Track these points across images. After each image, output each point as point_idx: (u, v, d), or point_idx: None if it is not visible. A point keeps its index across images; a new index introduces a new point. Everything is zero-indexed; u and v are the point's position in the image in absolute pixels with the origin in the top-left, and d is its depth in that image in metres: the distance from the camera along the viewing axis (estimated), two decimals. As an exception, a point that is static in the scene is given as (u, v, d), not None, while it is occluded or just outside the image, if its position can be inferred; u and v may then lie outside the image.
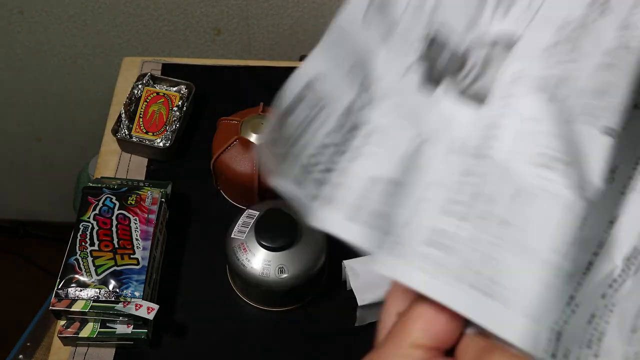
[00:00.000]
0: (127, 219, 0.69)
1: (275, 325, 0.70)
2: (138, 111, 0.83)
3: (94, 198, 0.71)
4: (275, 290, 0.67)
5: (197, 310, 0.71)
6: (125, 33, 1.11)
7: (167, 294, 0.72)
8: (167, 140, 0.81)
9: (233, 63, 0.95)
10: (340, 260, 0.76)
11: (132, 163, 0.82)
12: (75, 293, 0.64)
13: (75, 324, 0.66)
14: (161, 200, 0.72)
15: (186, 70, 0.92)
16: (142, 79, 0.86)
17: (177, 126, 0.83)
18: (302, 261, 0.67)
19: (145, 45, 1.13)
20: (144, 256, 0.67)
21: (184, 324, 0.70)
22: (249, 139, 0.74)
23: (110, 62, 1.17)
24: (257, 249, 0.67)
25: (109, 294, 0.64)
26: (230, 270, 0.72)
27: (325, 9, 1.04)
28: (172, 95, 0.85)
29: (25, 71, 1.20)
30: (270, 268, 0.66)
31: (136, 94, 0.85)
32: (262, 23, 1.08)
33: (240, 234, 0.68)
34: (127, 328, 0.66)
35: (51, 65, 1.18)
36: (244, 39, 1.12)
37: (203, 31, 1.10)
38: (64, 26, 1.10)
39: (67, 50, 1.15)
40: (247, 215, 0.70)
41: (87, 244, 0.67)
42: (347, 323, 0.71)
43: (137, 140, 0.81)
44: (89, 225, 0.68)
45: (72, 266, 0.65)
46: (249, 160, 0.74)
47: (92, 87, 1.23)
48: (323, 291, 0.73)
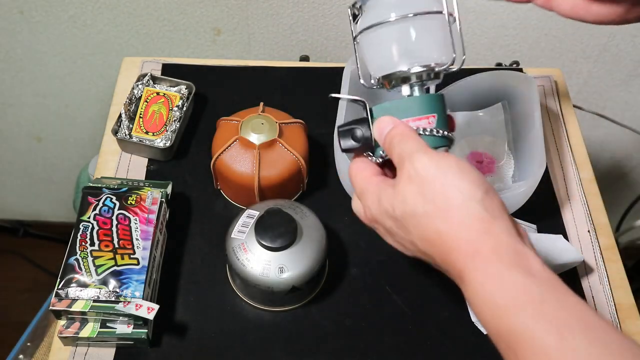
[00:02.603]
0: (127, 219, 0.69)
1: (275, 325, 0.70)
2: (138, 111, 0.83)
3: (94, 198, 0.71)
4: (275, 290, 0.67)
5: (197, 310, 0.71)
6: (125, 33, 1.11)
7: (167, 294, 0.72)
8: (167, 140, 0.81)
9: (233, 63, 0.95)
10: (340, 260, 0.76)
11: (132, 163, 0.82)
12: (76, 293, 0.64)
13: (75, 324, 0.66)
14: (161, 200, 0.72)
15: (186, 70, 0.92)
16: (142, 79, 0.86)
17: (177, 126, 0.83)
18: (302, 261, 0.67)
19: (145, 45, 1.13)
20: (144, 256, 0.67)
21: (184, 324, 0.70)
22: (249, 139, 0.74)
23: (110, 62, 1.17)
24: (257, 249, 0.67)
25: (109, 294, 0.64)
26: (230, 270, 0.72)
27: (325, 9, 1.04)
28: (172, 95, 0.85)
29: (25, 71, 1.20)
30: (270, 268, 0.66)
31: (136, 94, 0.85)
32: (262, 23, 1.08)
33: (240, 234, 0.68)
34: (127, 328, 0.66)
35: (51, 65, 1.18)
36: (244, 39, 1.12)
37: (203, 31, 1.10)
38: (64, 26, 1.10)
39: (67, 50, 1.15)
40: (247, 215, 0.70)
41: (87, 244, 0.67)
42: (347, 323, 0.71)
43: (137, 140, 0.81)
44: (89, 225, 0.68)
45: (72, 266, 0.65)
46: (249, 160, 0.74)
47: (92, 87, 1.23)
48: (323, 291, 0.73)
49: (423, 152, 0.46)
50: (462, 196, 0.43)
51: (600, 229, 0.80)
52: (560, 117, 0.91)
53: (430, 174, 0.44)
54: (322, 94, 0.90)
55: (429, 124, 0.50)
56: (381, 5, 0.53)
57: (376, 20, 0.52)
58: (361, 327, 0.71)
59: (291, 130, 0.77)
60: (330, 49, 1.12)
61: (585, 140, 0.90)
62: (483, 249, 0.41)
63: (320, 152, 0.84)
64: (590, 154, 0.89)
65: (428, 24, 0.52)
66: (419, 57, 0.52)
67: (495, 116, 0.86)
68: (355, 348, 0.69)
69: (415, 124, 0.50)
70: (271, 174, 0.74)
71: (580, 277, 0.76)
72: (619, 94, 1.24)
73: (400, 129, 0.49)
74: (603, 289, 0.75)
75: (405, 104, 0.51)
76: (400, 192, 0.46)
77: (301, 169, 0.76)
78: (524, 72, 0.94)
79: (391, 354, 0.69)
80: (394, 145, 0.48)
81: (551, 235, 0.74)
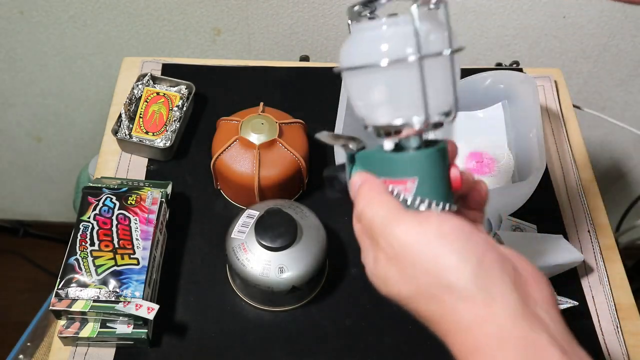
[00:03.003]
0: (127, 219, 0.69)
1: (275, 325, 0.70)
2: (138, 111, 0.83)
3: (94, 198, 0.71)
4: (275, 290, 0.67)
5: (197, 310, 0.71)
6: (125, 33, 1.11)
7: (167, 294, 0.72)
8: (167, 140, 0.81)
9: (233, 63, 0.95)
10: (340, 260, 0.76)
11: (132, 163, 0.82)
12: (76, 293, 0.64)
13: (75, 324, 0.66)
14: (161, 200, 0.72)
15: (186, 70, 0.92)
16: (142, 79, 0.86)
17: (177, 126, 0.83)
18: (302, 261, 0.67)
19: (145, 45, 1.13)
20: (144, 256, 0.67)
21: (184, 324, 0.70)
22: (249, 139, 0.74)
23: (110, 62, 1.17)
24: (257, 249, 0.67)
25: (109, 293, 0.64)
26: (230, 270, 0.72)
27: (325, 9, 1.04)
28: (172, 95, 0.85)
29: (25, 71, 1.20)
30: (270, 268, 0.66)
31: (136, 94, 0.85)
32: (262, 23, 1.08)
33: (240, 234, 0.68)
34: (127, 328, 0.66)
35: (51, 65, 1.18)
36: (244, 39, 1.12)
37: (203, 31, 1.10)
38: (64, 26, 1.10)
39: (67, 50, 1.15)
40: (247, 215, 0.70)
41: (87, 244, 0.67)
42: (347, 323, 0.71)
43: (137, 140, 0.81)
44: (89, 225, 0.68)
45: (72, 266, 0.65)
46: (249, 160, 0.74)
47: (92, 87, 1.23)
48: (323, 291, 0.73)
49: (395, 222, 0.37)
50: (448, 274, 0.34)
51: (600, 229, 0.80)
52: (560, 117, 0.91)
53: (408, 251, 0.36)
54: (322, 94, 0.90)
55: (405, 190, 0.39)
56: (365, 39, 0.40)
57: (358, 63, 0.40)
58: (361, 327, 0.71)
59: (291, 130, 0.77)
60: (330, 49, 1.12)
61: (585, 140, 0.90)
62: (482, 343, 0.33)
63: (320, 152, 0.84)
64: (590, 154, 0.89)
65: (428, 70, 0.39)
66: (400, 111, 0.40)
67: (495, 116, 0.86)
68: (355, 348, 0.69)
69: (391, 187, 0.40)
70: (271, 174, 0.74)
71: (580, 277, 0.76)
72: (619, 94, 1.24)
73: (366, 188, 0.40)
74: (603, 289, 0.75)
75: (385, 160, 0.41)
76: (382, 275, 0.38)
77: (301, 169, 0.76)
78: (524, 72, 0.94)
79: (391, 354, 0.69)
80: (360, 208, 0.40)
81: (551, 235, 0.74)
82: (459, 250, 0.35)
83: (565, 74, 0.98)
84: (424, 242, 0.35)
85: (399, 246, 0.36)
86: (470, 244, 0.35)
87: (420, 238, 0.36)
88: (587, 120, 1.18)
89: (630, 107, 1.28)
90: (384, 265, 0.38)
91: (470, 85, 0.84)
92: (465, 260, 0.34)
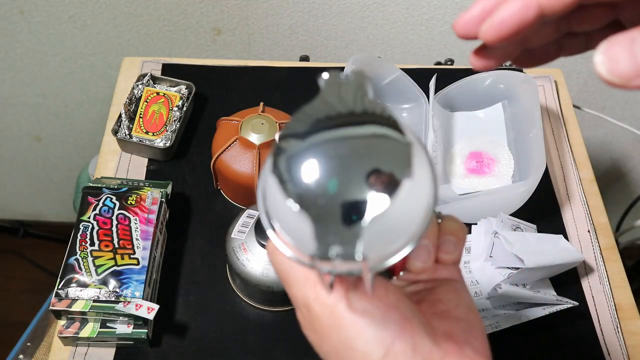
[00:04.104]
0: (127, 219, 0.69)
1: (275, 325, 0.70)
2: (138, 111, 0.83)
3: (94, 198, 0.71)
4: (275, 290, 0.67)
5: (197, 310, 0.71)
6: (125, 33, 1.11)
7: (167, 294, 0.72)
8: (167, 140, 0.81)
9: (233, 63, 0.95)
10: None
11: (132, 163, 0.82)
12: (76, 293, 0.64)
13: (75, 324, 0.66)
14: (161, 200, 0.72)
15: (186, 70, 0.92)
16: (142, 79, 0.86)
17: (177, 126, 0.83)
18: (302, 261, 0.67)
19: (145, 45, 1.13)
20: (144, 256, 0.67)
21: (184, 324, 0.70)
22: (249, 139, 0.74)
23: (110, 62, 1.17)
24: (257, 249, 0.67)
25: (109, 293, 0.64)
26: (230, 270, 0.72)
27: (325, 9, 1.04)
28: (172, 95, 0.85)
29: (25, 71, 1.20)
30: (270, 268, 0.66)
31: (136, 94, 0.85)
32: (262, 23, 1.08)
33: (240, 234, 0.68)
34: (127, 328, 0.66)
35: (51, 65, 1.18)
36: (244, 39, 1.12)
37: (203, 31, 1.10)
38: (64, 26, 1.10)
39: (67, 50, 1.15)
40: (247, 215, 0.70)
41: (87, 244, 0.67)
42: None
43: (137, 140, 0.81)
44: (89, 225, 0.68)
45: (72, 266, 0.65)
46: (249, 160, 0.74)
47: (92, 87, 1.23)
48: (323, 291, 0.73)
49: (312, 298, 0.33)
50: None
51: (600, 229, 0.80)
52: (560, 117, 0.91)
53: (325, 325, 0.33)
54: (322, 94, 0.90)
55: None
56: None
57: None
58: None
59: (291, 130, 0.77)
60: (330, 49, 1.12)
61: (585, 140, 0.90)
62: None
63: (320, 152, 0.83)
64: (590, 154, 0.89)
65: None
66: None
67: (495, 116, 0.86)
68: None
69: None
70: (271, 174, 0.74)
71: (580, 277, 0.76)
72: (619, 94, 1.24)
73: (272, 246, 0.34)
74: (603, 289, 0.75)
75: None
76: (305, 332, 0.37)
77: (301, 169, 0.76)
78: (524, 72, 0.94)
79: (391, 354, 0.69)
80: (276, 267, 0.36)
81: (551, 235, 0.74)
82: (367, 340, 0.32)
83: (565, 74, 0.98)
84: (338, 322, 0.33)
85: (317, 318, 0.34)
86: (382, 330, 0.32)
87: (335, 322, 0.33)
88: (587, 120, 1.18)
89: (630, 107, 1.28)
90: (304, 326, 0.36)
91: (470, 85, 0.84)
92: (371, 351, 0.32)
